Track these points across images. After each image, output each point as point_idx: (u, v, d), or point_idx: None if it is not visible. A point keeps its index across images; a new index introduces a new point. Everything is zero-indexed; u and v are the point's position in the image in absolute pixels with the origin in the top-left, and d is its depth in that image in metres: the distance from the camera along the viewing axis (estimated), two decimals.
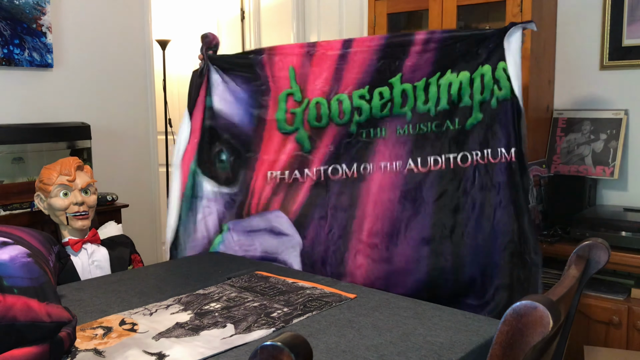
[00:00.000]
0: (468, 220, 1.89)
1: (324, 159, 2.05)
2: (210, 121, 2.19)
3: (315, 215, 2.04)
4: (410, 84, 1.96)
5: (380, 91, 1.99)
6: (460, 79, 1.92)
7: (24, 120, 2.90)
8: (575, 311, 1.37)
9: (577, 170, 2.72)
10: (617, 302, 2.30)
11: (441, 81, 1.93)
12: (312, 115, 2.07)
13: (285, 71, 2.11)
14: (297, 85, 2.09)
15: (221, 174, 2.18)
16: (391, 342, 1.34)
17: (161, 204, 3.77)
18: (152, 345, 1.33)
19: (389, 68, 1.99)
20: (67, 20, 3.09)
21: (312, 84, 2.07)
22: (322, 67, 2.06)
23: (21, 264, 1.28)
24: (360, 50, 2.00)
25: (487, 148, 1.89)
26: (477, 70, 1.91)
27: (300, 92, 2.08)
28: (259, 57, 2.15)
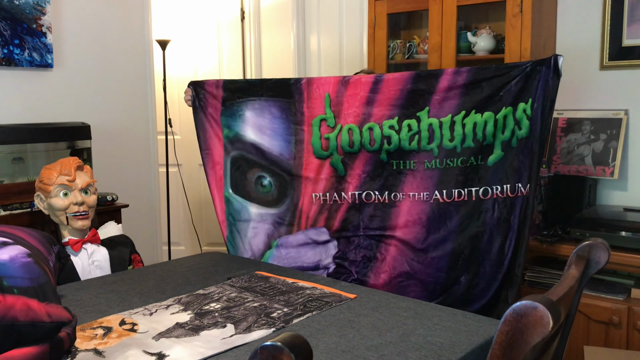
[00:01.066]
0: (483, 248, 2.07)
1: (358, 184, 2.21)
2: (241, 151, 2.35)
3: (350, 234, 2.23)
4: (437, 119, 2.10)
5: (408, 123, 2.12)
6: (484, 119, 2.05)
7: (24, 120, 2.90)
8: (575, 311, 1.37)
9: (577, 170, 2.72)
10: (617, 302, 2.30)
11: (466, 120, 2.07)
12: (344, 141, 2.21)
13: (322, 98, 2.23)
14: (332, 112, 2.23)
15: (265, 197, 2.34)
16: (391, 342, 1.34)
17: (161, 204, 3.77)
18: (152, 345, 1.33)
19: (417, 102, 2.11)
20: (67, 20, 3.09)
21: (346, 111, 2.20)
22: (356, 95, 2.19)
23: (21, 264, 1.28)
24: (392, 82, 2.14)
25: (507, 184, 2.05)
26: (500, 111, 2.05)
27: (333, 118, 2.22)
28: (299, 83, 2.27)
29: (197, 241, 4.48)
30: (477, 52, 2.85)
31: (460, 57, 2.87)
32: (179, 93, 4.43)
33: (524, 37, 2.59)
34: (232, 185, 2.37)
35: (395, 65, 3.24)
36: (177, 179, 4.43)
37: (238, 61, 4.27)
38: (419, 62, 3.16)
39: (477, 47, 2.83)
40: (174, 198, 4.38)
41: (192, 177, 4.51)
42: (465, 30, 2.90)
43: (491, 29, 2.85)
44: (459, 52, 2.87)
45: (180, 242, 4.55)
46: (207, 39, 4.34)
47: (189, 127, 4.44)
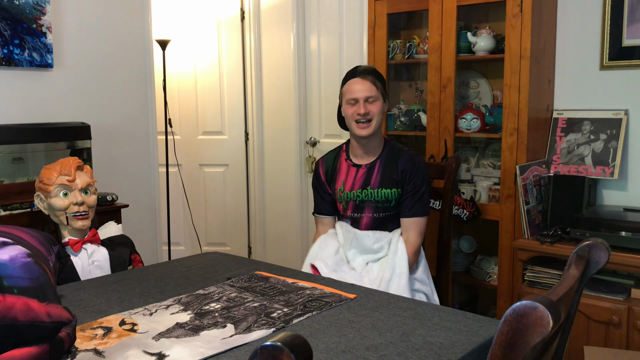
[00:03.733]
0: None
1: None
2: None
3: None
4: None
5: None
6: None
7: (24, 120, 2.90)
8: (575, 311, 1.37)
9: (577, 170, 2.72)
10: (617, 302, 2.30)
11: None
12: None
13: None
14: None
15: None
16: (391, 342, 1.34)
17: (161, 204, 3.78)
18: (152, 345, 1.33)
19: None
20: (67, 20, 3.09)
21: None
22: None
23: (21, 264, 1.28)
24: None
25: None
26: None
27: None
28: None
29: (197, 241, 4.48)
30: (477, 52, 2.85)
31: (460, 57, 2.88)
32: (179, 93, 4.44)
33: (524, 37, 2.59)
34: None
35: (395, 65, 3.24)
36: (177, 179, 4.43)
37: (238, 61, 4.27)
38: (419, 62, 3.16)
39: (477, 47, 2.84)
40: (174, 198, 4.39)
41: (192, 177, 4.51)
42: (465, 30, 2.90)
43: (491, 29, 2.85)
44: (459, 52, 2.87)
45: (180, 242, 4.55)
46: (207, 39, 4.34)
47: (189, 127, 4.45)
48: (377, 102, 2.25)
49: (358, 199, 2.29)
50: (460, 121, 2.87)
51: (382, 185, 2.27)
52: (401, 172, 2.27)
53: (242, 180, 4.38)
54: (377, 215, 2.29)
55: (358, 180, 2.31)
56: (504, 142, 2.70)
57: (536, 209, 2.68)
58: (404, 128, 3.18)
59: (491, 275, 2.89)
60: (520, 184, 2.59)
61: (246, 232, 4.41)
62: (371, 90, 2.25)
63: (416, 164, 2.28)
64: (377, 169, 2.29)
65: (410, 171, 2.26)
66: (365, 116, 2.23)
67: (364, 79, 2.26)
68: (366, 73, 2.28)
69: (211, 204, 4.50)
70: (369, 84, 2.25)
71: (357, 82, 2.26)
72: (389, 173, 2.28)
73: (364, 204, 2.29)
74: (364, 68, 2.32)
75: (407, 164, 2.27)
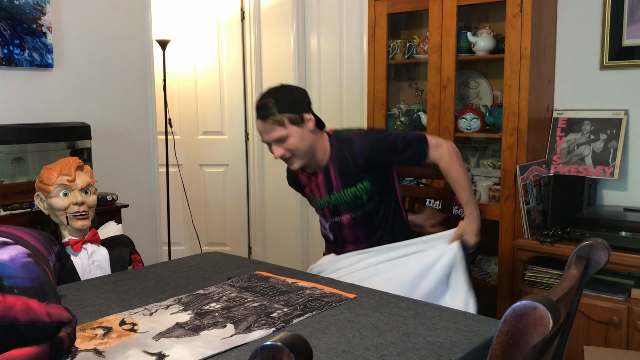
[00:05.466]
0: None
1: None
2: None
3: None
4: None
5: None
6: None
7: (24, 120, 2.90)
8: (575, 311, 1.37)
9: (577, 170, 2.72)
10: (617, 302, 2.30)
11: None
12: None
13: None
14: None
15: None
16: (391, 342, 1.34)
17: (161, 204, 3.77)
18: (152, 345, 1.33)
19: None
20: (67, 20, 3.09)
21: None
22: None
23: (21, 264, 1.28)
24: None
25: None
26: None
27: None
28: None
29: (197, 241, 4.48)
30: (477, 52, 2.85)
31: (460, 57, 2.88)
32: (179, 93, 4.44)
33: (524, 37, 2.59)
34: None
35: (395, 65, 3.24)
36: (177, 179, 4.43)
37: (238, 61, 4.27)
38: (419, 62, 3.16)
39: (477, 47, 2.84)
40: (174, 198, 4.39)
41: (192, 177, 4.51)
42: (465, 30, 2.90)
43: (491, 28, 2.85)
44: (459, 52, 2.87)
45: (180, 242, 4.55)
46: (207, 39, 4.34)
47: (189, 127, 4.46)
48: (289, 139, 2.03)
49: (330, 204, 2.19)
50: (460, 121, 2.87)
51: (345, 185, 2.13)
52: (364, 161, 2.09)
53: (242, 180, 4.38)
54: (355, 214, 2.17)
55: (321, 186, 2.18)
56: (504, 142, 2.69)
57: (536, 209, 2.68)
58: (404, 128, 3.18)
59: (491, 275, 2.89)
60: (520, 184, 2.59)
61: (246, 232, 4.41)
62: (276, 132, 2.02)
63: (367, 141, 2.10)
64: (332, 171, 2.14)
65: (370, 151, 2.09)
66: (283, 157, 2.07)
67: (264, 122, 2.03)
68: (265, 111, 2.02)
69: (211, 204, 4.50)
70: (271, 126, 2.02)
71: (259, 124, 2.06)
72: (347, 171, 2.12)
73: (337, 208, 2.19)
74: (262, 104, 2.04)
75: (362, 149, 2.09)
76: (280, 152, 2.06)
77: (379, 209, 2.19)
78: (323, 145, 2.13)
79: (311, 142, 2.08)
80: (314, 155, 2.12)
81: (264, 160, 4.23)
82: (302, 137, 2.05)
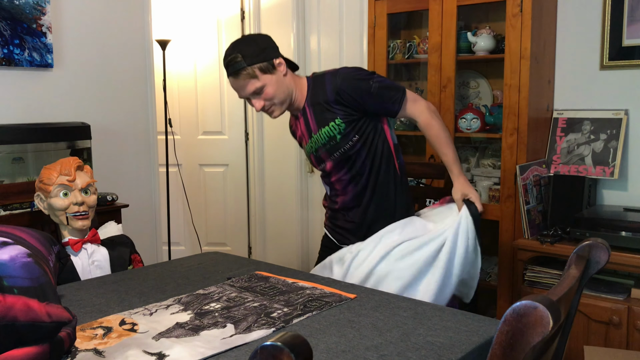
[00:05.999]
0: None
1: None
2: None
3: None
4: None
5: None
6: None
7: (24, 120, 2.90)
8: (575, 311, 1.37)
9: (577, 170, 2.72)
10: (617, 302, 2.30)
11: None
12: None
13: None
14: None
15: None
16: (391, 342, 1.34)
17: (161, 204, 3.77)
18: (152, 345, 1.33)
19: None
20: (67, 20, 3.09)
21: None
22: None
23: (21, 264, 1.28)
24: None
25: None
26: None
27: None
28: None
29: (197, 241, 4.48)
30: (477, 52, 2.85)
31: (460, 57, 2.88)
32: (179, 93, 4.44)
33: (524, 37, 2.59)
34: None
35: (395, 65, 3.24)
36: (177, 179, 4.43)
37: None
38: (419, 62, 3.16)
39: (477, 47, 2.84)
40: (174, 198, 4.39)
41: (192, 177, 4.51)
42: (465, 30, 2.90)
43: (491, 28, 2.86)
44: (459, 52, 2.87)
45: (180, 242, 4.55)
46: (207, 39, 4.34)
47: (189, 127, 4.46)
48: (265, 88, 1.99)
49: (313, 150, 2.12)
50: (461, 121, 2.87)
51: (320, 126, 2.05)
52: (334, 97, 2.01)
53: (242, 180, 4.38)
54: (334, 157, 2.08)
55: (304, 131, 2.13)
56: (504, 142, 2.69)
57: (536, 209, 2.68)
58: (404, 128, 3.18)
59: (491, 275, 2.89)
60: (520, 184, 2.59)
61: (246, 232, 4.41)
62: (251, 85, 1.98)
63: (339, 76, 2.03)
64: (308, 112, 2.08)
65: (341, 86, 2.01)
66: (264, 109, 2.04)
67: (236, 78, 2.00)
68: (235, 67, 1.98)
69: (211, 204, 4.50)
70: (244, 81, 1.98)
71: (232, 81, 2.03)
72: (320, 110, 2.05)
73: (319, 152, 2.11)
74: (229, 61, 2.00)
75: (333, 84, 2.02)
76: (260, 104, 2.01)
77: (361, 153, 2.06)
78: (300, 88, 2.09)
79: (287, 86, 2.04)
80: (293, 99, 2.08)
81: (264, 160, 4.23)
82: (278, 84, 2.01)
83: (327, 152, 2.09)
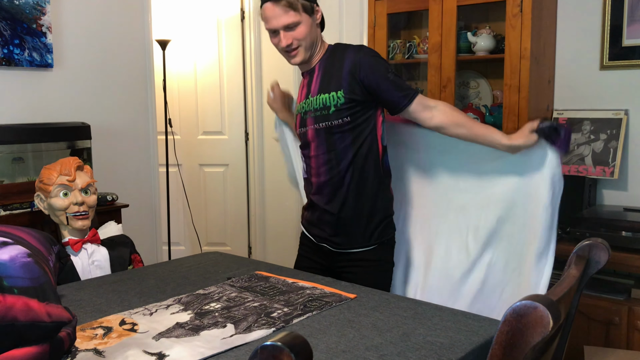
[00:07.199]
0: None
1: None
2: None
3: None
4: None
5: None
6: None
7: (24, 120, 2.90)
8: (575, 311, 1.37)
9: (577, 170, 2.72)
10: (617, 302, 2.30)
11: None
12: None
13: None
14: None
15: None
16: (391, 342, 1.34)
17: (161, 204, 3.77)
18: (152, 345, 1.33)
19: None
20: (67, 20, 3.09)
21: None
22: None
23: (21, 264, 1.28)
24: None
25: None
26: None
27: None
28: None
29: (197, 241, 4.48)
30: (477, 52, 2.85)
31: (460, 57, 2.88)
32: (179, 93, 4.44)
33: (524, 37, 2.59)
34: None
35: (395, 65, 3.24)
36: (177, 179, 4.43)
37: (238, 61, 4.27)
38: (419, 62, 3.16)
39: (477, 47, 2.84)
40: (174, 198, 4.39)
41: (192, 177, 4.51)
42: (465, 30, 2.90)
43: (491, 29, 2.86)
44: (459, 52, 2.87)
45: (180, 242, 4.55)
46: (207, 39, 4.34)
47: (189, 127, 4.46)
48: (299, 26, 1.92)
49: (302, 111, 2.03)
50: None
51: (320, 91, 1.97)
52: (349, 69, 1.93)
53: (242, 180, 4.38)
54: (317, 126, 1.97)
55: (304, 89, 2.05)
56: None
57: None
58: None
59: None
60: None
61: (246, 232, 4.41)
62: (288, 17, 1.91)
63: (362, 52, 1.96)
64: (317, 74, 2.01)
65: (359, 62, 1.92)
66: (290, 46, 1.95)
67: (275, 4, 1.91)
68: None
69: (211, 204, 4.50)
70: (283, 9, 1.90)
71: (269, 8, 1.93)
72: (329, 77, 1.97)
73: (306, 115, 2.01)
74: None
75: (353, 57, 1.94)
76: (289, 40, 1.94)
77: (345, 138, 1.97)
78: (322, 47, 2.04)
79: (316, 36, 1.99)
80: (313, 53, 2.01)
81: (264, 160, 4.23)
82: (311, 28, 1.95)
83: (313, 118, 1.99)
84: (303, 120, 2.03)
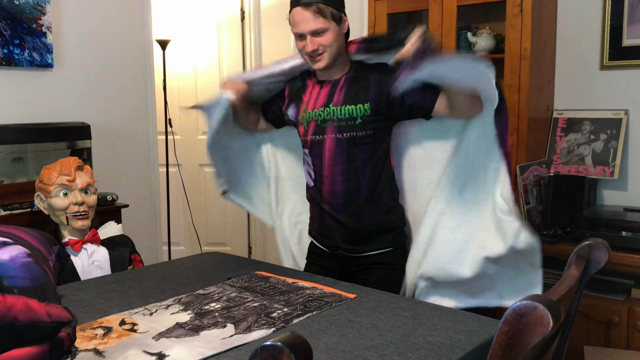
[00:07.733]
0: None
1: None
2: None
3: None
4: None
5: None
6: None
7: (24, 120, 2.90)
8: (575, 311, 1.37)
9: (577, 170, 2.72)
10: (617, 302, 2.30)
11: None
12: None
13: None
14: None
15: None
16: (391, 342, 1.34)
17: (161, 204, 3.77)
18: (152, 345, 1.33)
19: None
20: (67, 20, 3.09)
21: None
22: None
23: (21, 264, 1.28)
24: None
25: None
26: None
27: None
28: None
29: (197, 241, 4.48)
30: (477, 52, 2.85)
31: None
32: (179, 93, 4.44)
33: (524, 37, 2.59)
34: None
35: None
36: (177, 179, 4.43)
37: (238, 61, 4.27)
38: None
39: (477, 47, 2.84)
40: (174, 198, 4.39)
41: (192, 177, 4.51)
42: (465, 30, 2.90)
43: (491, 29, 2.85)
44: (459, 52, 2.86)
45: (180, 242, 4.55)
46: (207, 39, 4.34)
47: (189, 127, 4.45)
48: (327, 33, 1.93)
49: (320, 118, 2.01)
50: None
51: (346, 102, 1.97)
52: (377, 78, 1.96)
53: None
54: (340, 135, 1.98)
55: (321, 97, 2.03)
56: None
57: (536, 209, 2.68)
58: None
59: None
60: (520, 184, 2.59)
61: (246, 232, 4.41)
62: (317, 22, 1.92)
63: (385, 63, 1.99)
64: (342, 84, 2.01)
65: (385, 71, 1.95)
66: (315, 52, 1.95)
67: (305, 9, 1.92)
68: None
69: (211, 204, 4.50)
70: (313, 15, 1.91)
71: (298, 13, 1.94)
72: (356, 89, 1.98)
73: (325, 124, 2.00)
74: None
75: (380, 69, 1.99)
76: (315, 45, 1.94)
77: (365, 150, 2.00)
78: (344, 59, 2.04)
79: (342, 45, 2.00)
80: (337, 62, 2.01)
81: None
82: (337, 36, 1.97)
83: (336, 127, 1.99)
84: (320, 128, 2.02)
